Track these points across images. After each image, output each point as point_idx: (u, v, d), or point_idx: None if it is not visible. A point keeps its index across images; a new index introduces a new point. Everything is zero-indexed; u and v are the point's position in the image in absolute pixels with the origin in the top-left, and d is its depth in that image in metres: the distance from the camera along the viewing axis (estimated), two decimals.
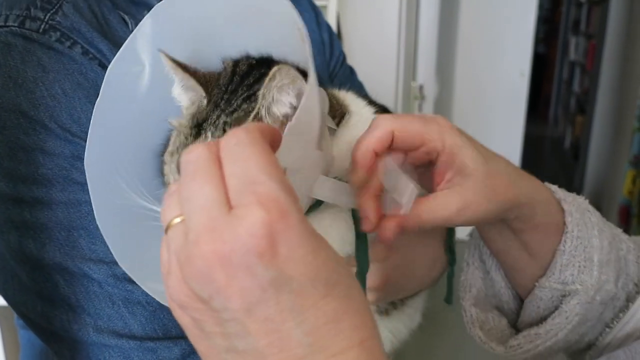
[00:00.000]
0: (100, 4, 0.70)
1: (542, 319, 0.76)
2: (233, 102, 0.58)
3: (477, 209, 0.61)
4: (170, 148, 0.60)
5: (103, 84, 0.56)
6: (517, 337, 0.77)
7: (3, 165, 0.62)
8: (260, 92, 0.55)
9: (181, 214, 0.39)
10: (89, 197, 0.61)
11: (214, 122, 0.57)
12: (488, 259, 0.81)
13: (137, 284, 0.60)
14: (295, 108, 0.56)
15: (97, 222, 0.55)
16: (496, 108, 4.02)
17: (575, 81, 6.29)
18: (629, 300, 0.75)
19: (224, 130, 0.56)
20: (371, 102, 0.75)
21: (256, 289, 0.36)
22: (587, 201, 0.76)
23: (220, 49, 0.63)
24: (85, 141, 0.62)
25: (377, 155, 0.57)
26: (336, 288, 0.38)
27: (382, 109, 0.85)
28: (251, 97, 0.58)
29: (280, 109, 0.56)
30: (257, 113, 0.56)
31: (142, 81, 0.59)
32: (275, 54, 0.62)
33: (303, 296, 0.37)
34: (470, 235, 0.82)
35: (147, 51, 0.58)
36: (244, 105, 0.58)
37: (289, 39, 0.58)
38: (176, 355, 0.63)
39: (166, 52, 0.58)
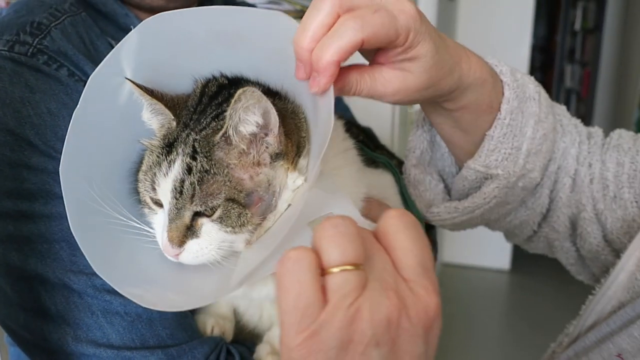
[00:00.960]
0: (89, 31, 0.74)
1: (466, 196, 0.80)
2: (202, 120, 0.60)
3: (412, 94, 0.62)
4: (143, 167, 0.62)
5: (83, 92, 0.58)
6: (438, 206, 0.82)
7: None
8: (227, 113, 0.56)
9: (351, 264, 0.41)
10: None
11: (184, 140, 0.59)
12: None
13: (116, 295, 0.63)
14: (261, 127, 0.58)
15: (71, 228, 0.56)
16: None
17: (572, 108, 6.35)
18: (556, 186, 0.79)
19: (194, 147, 0.58)
20: (350, 127, 0.77)
21: (410, 355, 0.42)
22: (539, 88, 0.77)
23: (203, 67, 0.64)
24: None
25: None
26: None
27: (363, 134, 0.88)
28: (219, 116, 0.60)
29: (247, 128, 0.58)
30: (225, 132, 0.58)
31: (122, 93, 0.61)
32: (259, 72, 0.63)
33: None
34: (421, 106, 0.82)
35: (130, 64, 0.60)
36: (213, 124, 0.59)
37: (274, 57, 0.60)
38: None
39: (132, 79, 0.59)
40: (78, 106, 0.58)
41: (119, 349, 0.64)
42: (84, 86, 0.66)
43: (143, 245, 0.61)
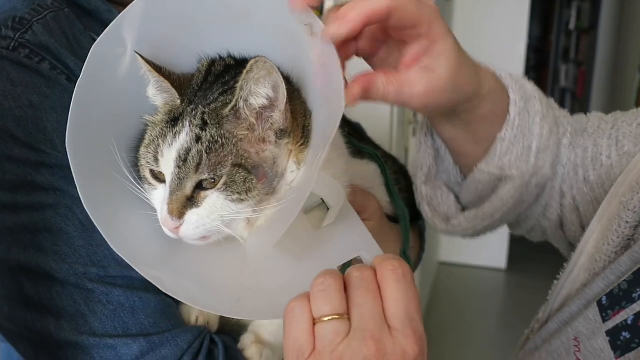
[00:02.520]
0: (72, 26, 0.74)
1: (480, 200, 0.80)
2: (209, 96, 0.61)
3: (440, 95, 0.63)
4: (145, 141, 0.62)
5: (86, 62, 0.58)
6: (457, 217, 0.82)
7: None
8: (239, 85, 0.57)
9: (333, 315, 0.49)
10: (53, 201, 0.65)
11: (191, 113, 0.59)
12: (438, 139, 0.83)
13: (98, 283, 0.64)
14: (271, 100, 0.59)
15: (85, 207, 0.57)
16: None
17: (567, 107, 6.32)
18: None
19: (203, 119, 0.59)
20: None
21: None
22: (535, 86, 0.78)
23: (206, 45, 0.65)
24: (50, 149, 0.65)
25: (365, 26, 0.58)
26: None
27: (349, 127, 0.88)
28: (227, 92, 0.61)
29: (257, 101, 0.59)
30: (235, 105, 0.58)
31: (123, 64, 0.61)
32: (266, 54, 0.62)
33: None
34: (424, 119, 0.83)
35: (132, 34, 0.60)
36: (221, 98, 0.60)
37: (282, 39, 0.60)
38: (135, 353, 0.65)
39: (141, 54, 0.60)
40: (80, 76, 0.58)
41: (102, 337, 0.65)
42: (66, 79, 0.68)
43: (152, 223, 0.62)
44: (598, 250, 0.69)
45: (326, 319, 0.49)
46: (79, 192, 0.57)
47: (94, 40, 0.74)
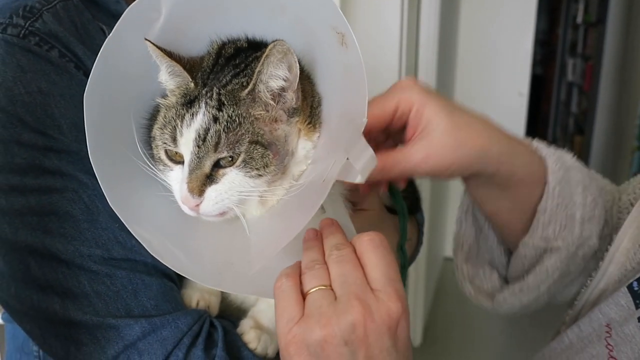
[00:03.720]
0: (81, 15, 0.76)
1: (526, 274, 0.78)
2: (222, 78, 0.63)
3: (443, 157, 0.65)
4: (159, 124, 0.64)
5: (117, 23, 0.60)
6: (502, 292, 0.81)
7: None
8: (257, 68, 0.59)
9: (320, 285, 0.54)
10: (60, 185, 0.67)
11: (207, 94, 0.61)
12: (481, 217, 0.83)
13: (102, 264, 0.66)
14: (288, 81, 0.61)
15: (92, 162, 0.59)
16: None
17: (573, 102, 6.33)
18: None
19: (219, 100, 0.61)
20: None
21: (379, 349, 0.52)
22: (574, 158, 0.78)
23: (224, 28, 0.66)
24: (58, 134, 0.67)
25: None
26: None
27: None
28: (240, 74, 0.63)
29: (276, 83, 0.61)
30: (253, 88, 0.61)
31: (154, 30, 0.62)
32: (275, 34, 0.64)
33: None
34: (464, 195, 0.84)
35: (169, 2, 0.61)
36: (235, 80, 0.62)
37: (298, 29, 0.62)
38: (136, 333, 0.67)
39: (152, 40, 0.61)
40: (113, 31, 0.59)
41: (104, 317, 0.66)
42: (74, 67, 0.70)
43: (156, 193, 0.64)
44: (634, 245, 0.70)
45: (314, 289, 0.54)
46: (87, 145, 0.59)
47: (102, 30, 0.77)
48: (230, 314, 0.78)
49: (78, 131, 0.67)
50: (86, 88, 0.58)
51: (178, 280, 0.74)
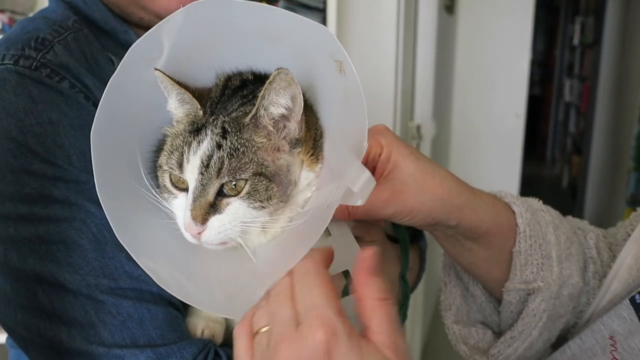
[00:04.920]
0: (90, 46, 0.78)
1: (515, 321, 0.79)
2: (229, 107, 0.64)
3: (405, 200, 0.66)
4: (166, 151, 0.64)
5: (121, 61, 0.60)
6: (495, 345, 0.80)
7: None
8: (260, 94, 0.60)
9: (267, 325, 0.53)
10: (68, 215, 0.68)
11: (212, 123, 0.62)
12: (464, 276, 0.84)
13: (108, 295, 0.67)
14: (289, 110, 0.62)
15: (98, 194, 0.59)
16: (493, 148, 4.08)
17: (571, 122, 6.38)
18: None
19: (223, 128, 0.62)
20: None
21: None
22: (540, 202, 0.79)
23: (235, 59, 0.68)
24: (67, 164, 0.68)
25: None
26: None
27: None
28: (246, 103, 0.64)
29: (277, 110, 0.62)
30: (256, 113, 0.61)
31: (157, 66, 0.63)
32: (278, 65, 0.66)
33: None
34: (444, 255, 0.85)
35: (170, 41, 0.62)
36: (241, 109, 0.63)
37: (302, 60, 0.63)
38: None
39: (161, 70, 0.62)
40: (116, 72, 0.60)
41: (110, 347, 0.67)
42: (84, 98, 0.72)
43: (162, 222, 0.64)
44: (637, 262, 0.71)
45: (263, 330, 0.54)
46: (95, 177, 0.59)
47: (111, 60, 0.78)
48: (233, 342, 0.78)
49: (86, 161, 0.68)
50: (93, 125, 0.59)
51: (183, 309, 0.75)
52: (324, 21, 2.27)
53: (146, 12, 0.81)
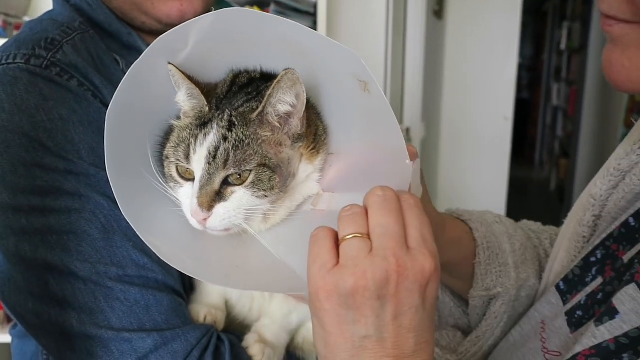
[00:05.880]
0: (96, 47, 0.82)
1: (479, 322, 0.87)
2: (234, 102, 0.67)
3: None
4: (173, 142, 0.67)
5: (145, 52, 0.62)
6: (463, 343, 0.88)
7: (6, 179, 0.70)
8: (268, 92, 0.63)
9: (362, 233, 0.54)
10: (78, 206, 0.71)
11: (219, 116, 0.65)
12: None
13: (117, 282, 0.70)
14: (293, 107, 0.65)
15: (108, 175, 0.62)
16: (482, 151, 4.12)
17: (559, 125, 6.44)
18: None
19: (230, 121, 0.65)
20: None
21: (409, 306, 0.53)
22: (494, 214, 0.88)
23: (243, 62, 0.70)
24: (77, 158, 0.72)
25: None
26: (432, 326, 0.56)
27: None
28: (252, 100, 0.67)
29: (282, 107, 0.65)
30: (263, 110, 0.64)
31: (178, 58, 0.65)
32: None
33: (424, 321, 0.54)
34: None
35: (196, 37, 0.64)
36: (246, 104, 0.66)
37: (316, 73, 0.66)
38: (149, 346, 0.70)
39: (175, 64, 0.65)
40: (138, 60, 0.62)
41: (119, 331, 0.70)
42: (92, 96, 0.75)
43: (166, 206, 0.67)
44: (563, 267, 0.77)
45: (349, 236, 0.54)
46: (105, 157, 0.62)
47: (116, 61, 0.82)
48: (234, 329, 0.82)
49: (95, 155, 0.72)
50: (108, 109, 0.61)
51: (186, 297, 0.78)
52: (314, 25, 2.31)
53: (147, 17, 0.84)
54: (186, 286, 0.80)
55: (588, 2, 5.00)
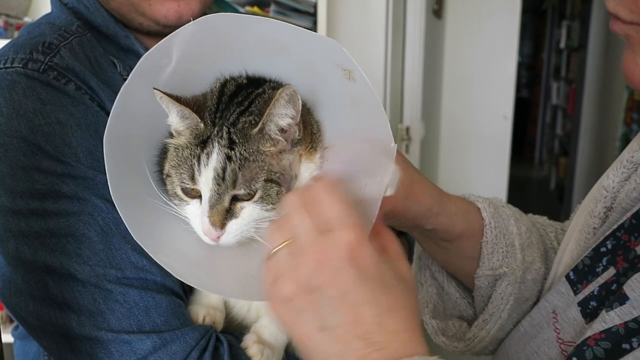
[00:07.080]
0: (94, 50, 0.82)
1: (486, 305, 0.87)
2: (229, 117, 0.66)
3: (395, 205, 0.72)
4: (172, 162, 0.67)
5: (135, 68, 0.62)
6: (470, 329, 0.88)
7: (5, 182, 0.71)
8: (267, 111, 0.63)
9: (284, 242, 0.56)
10: (77, 209, 0.71)
11: (217, 134, 0.65)
12: (439, 275, 0.93)
13: (115, 284, 0.71)
14: (292, 118, 0.65)
15: (113, 197, 0.62)
16: (481, 150, 4.11)
17: (558, 124, 6.45)
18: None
19: (230, 139, 0.64)
20: None
21: (347, 282, 0.53)
22: (502, 200, 0.89)
23: (238, 68, 0.70)
24: (75, 162, 0.72)
25: None
26: (393, 290, 0.55)
27: None
28: (245, 112, 0.66)
29: (283, 121, 0.65)
30: (263, 127, 0.65)
31: (165, 73, 0.65)
32: (286, 79, 0.69)
33: (376, 290, 0.54)
34: (419, 257, 0.93)
35: (179, 50, 0.64)
36: (242, 119, 0.66)
37: (306, 71, 0.66)
38: (148, 347, 0.71)
39: (161, 86, 0.64)
40: (128, 80, 0.62)
41: (118, 333, 0.70)
42: (89, 99, 0.75)
43: (173, 223, 0.67)
44: (577, 246, 0.78)
45: (275, 249, 0.57)
46: (108, 181, 0.62)
47: (113, 64, 0.82)
48: (232, 329, 0.83)
49: (93, 158, 0.73)
50: (105, 131, 0.61)
51: (185, 297, 0.78)
52: (314, 25, 2.31)
53: (145, 18, 0.85)
54: (185, 287, 0.80)
55: (587, 0, 5.00)
